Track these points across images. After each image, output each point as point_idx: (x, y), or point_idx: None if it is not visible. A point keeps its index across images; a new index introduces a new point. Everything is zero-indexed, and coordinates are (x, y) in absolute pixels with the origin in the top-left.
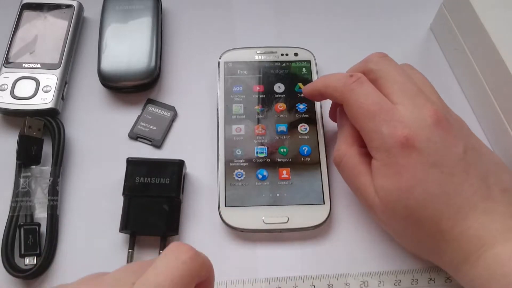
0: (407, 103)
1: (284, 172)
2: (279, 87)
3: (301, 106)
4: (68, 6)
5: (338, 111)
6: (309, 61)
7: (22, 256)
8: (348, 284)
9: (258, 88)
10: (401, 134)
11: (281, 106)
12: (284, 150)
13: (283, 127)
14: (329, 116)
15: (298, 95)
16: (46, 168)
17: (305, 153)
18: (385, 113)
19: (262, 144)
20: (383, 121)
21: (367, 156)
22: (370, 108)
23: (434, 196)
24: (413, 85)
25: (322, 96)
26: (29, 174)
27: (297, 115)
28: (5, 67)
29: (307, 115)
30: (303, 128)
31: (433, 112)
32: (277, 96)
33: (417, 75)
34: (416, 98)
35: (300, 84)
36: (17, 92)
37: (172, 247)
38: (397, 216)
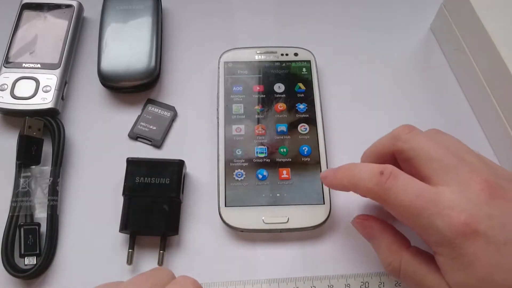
0: (452, 182)
1: (284, 172)
2: (279, 87)
3: (301, 106)
4: (68, 6)
5: (362, 224)
6: (309, 61)
7: (22, 256)
8: (348, 285)
9: (258, 88)
10: (458, 222)
11: (281, 106)
12: (284, 150)
13: (283, 127)
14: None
15: (298, 95)
16: (46, 168)
17: (305, 153)
18: (432, 204)
19: (262, 144)
20: (433, 214)
21: (423, 253)
22: (414, 203)
23: None
24: (452, 157)
25: (347, 190)
26: (29, 174)
27: (297, 115)
28: (5, 67)
29: (307, 115)
30: (303, 128)
31: (483, 184)
32: (277, 96)
33: (449, 141)
34: (460, 172)
35: (301, 84)
36: (17, 92)
37: (180, 281)
38: None
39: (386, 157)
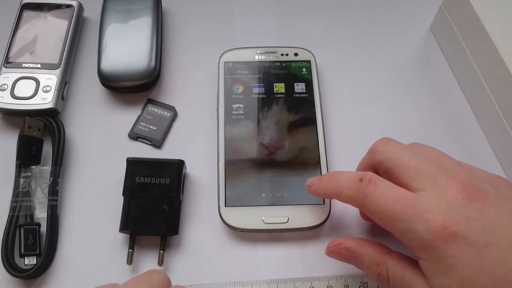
0: (430, 187)
1: (284, 172)
2: (279, 87)
3: (301, 106)
4: (68, 6)
5: (335, 251)
6: (309, 61)
7: (22, 256)
8: (347, 286)
9: (258, 88)
10: (436, 225)
11: (281, 106)
12: (284, 150)
13: (283, 127)
14: (362, 217)
15: (298, 95)
16: (46, 168)
17: (305, 153)
18: (411, 208)
19: (262, 144)
20: (412, 218)
21: (407, 259)
22: (392, 208)
23: (504, 277)
24: (428, 163)
25: (330, 198)
26: (29, 174)
27: (297, 115)
28: (5, 67)
29: (307, 115)
30: (303, 128)
31: (460, 187)
32: (277, 96)
33: (427, 150)
34: (437, 177)
35: (301, 84)
36: (17, 92)
37: None
38: None
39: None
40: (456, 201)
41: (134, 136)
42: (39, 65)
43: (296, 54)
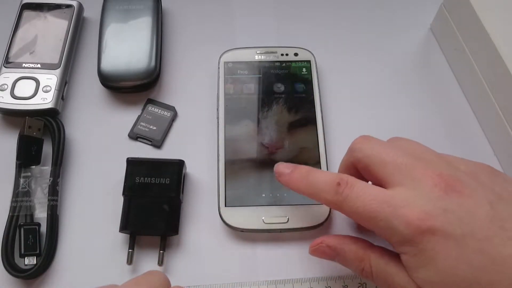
0: (405, 181)
1: None
2: (279, 87)
3: (301, 106)
4: (68, 6)
5: (318, 250)
6: (309, 61)
7: (22, 256)
8: (346, 286)
9: (258, 88)
10: (413, 220)
11: (281, 106)
12: (284, 150)
13: (283, 127)
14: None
15: (298, 95)
16: (46, 168)
17: (305, 152)
18: (387, 205)
19: (262, 144)
20: (389, 215)
21: (389, 253)
22: (369, 208)
23: (484, 267)
24: (405, 157)
25: (303, 195)
26: (29, 174)
27: (297, 115)
28: (5, 67)
29: (307, 115)
30: (303, 128)
31: (437, 179)
32: (277, 96)
33: (406, 143)
34: (413, 170)
35: (301, 84)
36: (17, 92)
37: None
38: None
39: (350, 172)
40: (432, 193)
41: (134, 136)
42: (39, 65)
43: (296, 54)
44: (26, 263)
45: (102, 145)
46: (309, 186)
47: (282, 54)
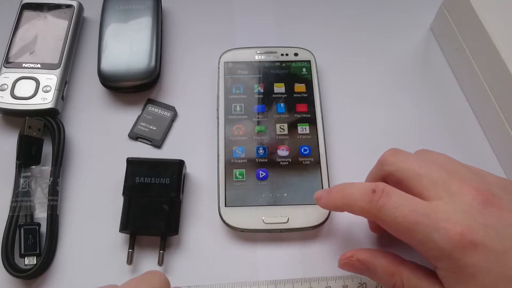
0: (443, 195)
1: (284, 172)
2: (279, 87)
3: (301, 106)
4: (68, 6)
5: (348, 264)
6: (309, 61)
7: (22, 256)
8: (346, 286)
9: (258, 88)
10: (455, 234)
11: (281, 106)
12: (284, 150)
13: (283, 127)
14: (372, 229)
15: (298, 95)
16: (46, 168)
17: (305, 153)
18: (427, 218)
19: (262, 144)
20: (429, 228)
21: (421, 268)
22: (408, 219)
23: None
24: (440, 171)
25: (341, 211)
26: (29, 174)
27: (297, 115)
28: (5, 67)
29: (307, 115)
30: (303, 128)
31: (474, 193)
32: (277, 96)
33: (436, 157)
34: (450, 184)
35: (301, 84)
36: (17, 92)
37: None
38: None
39: None
40: (472, 207)
41: (134, 136)
42: (39, 65)
43: (296, 54)
44: (26, 263)
45: (102, 145)
46: (345, 197)
47: (282, 54)
